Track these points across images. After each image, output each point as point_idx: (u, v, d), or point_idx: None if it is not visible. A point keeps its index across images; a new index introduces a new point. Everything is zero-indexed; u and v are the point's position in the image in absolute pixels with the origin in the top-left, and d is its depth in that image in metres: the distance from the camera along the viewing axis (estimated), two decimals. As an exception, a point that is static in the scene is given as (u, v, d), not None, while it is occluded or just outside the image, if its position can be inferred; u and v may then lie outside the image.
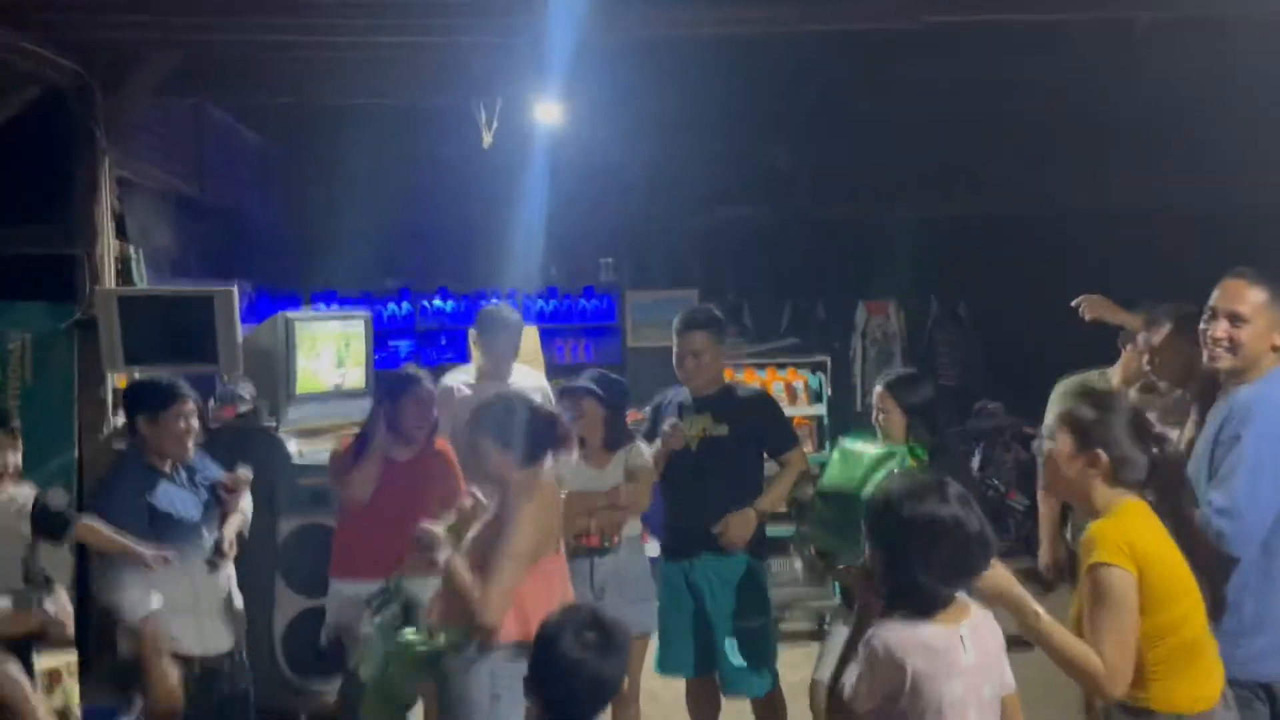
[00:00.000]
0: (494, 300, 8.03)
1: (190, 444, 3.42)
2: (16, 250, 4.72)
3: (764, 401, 3.94)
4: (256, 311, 7.02)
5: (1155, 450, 2.33)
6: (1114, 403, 2.42)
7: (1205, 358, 2.68)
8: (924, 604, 2.03)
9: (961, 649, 2.03)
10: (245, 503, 3.58)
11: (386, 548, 3.51)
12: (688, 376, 3.73)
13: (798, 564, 5.73)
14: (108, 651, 3.39)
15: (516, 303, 8.01)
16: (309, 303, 7.76)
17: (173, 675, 3.22)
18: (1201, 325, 2.69)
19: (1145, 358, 3.04)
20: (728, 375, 4.08)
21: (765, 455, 3.84)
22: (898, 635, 2.01)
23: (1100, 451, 2.29)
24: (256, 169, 7.16)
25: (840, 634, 3.27)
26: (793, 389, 5.67)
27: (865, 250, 8.10)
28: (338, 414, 4.95)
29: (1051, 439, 2.39)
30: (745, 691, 3.75)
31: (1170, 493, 2.37)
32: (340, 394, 5.03)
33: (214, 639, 3.43)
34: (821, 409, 5.67)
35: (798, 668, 4.41)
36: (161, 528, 3.29)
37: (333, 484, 3.80)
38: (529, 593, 2.62)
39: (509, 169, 6.71)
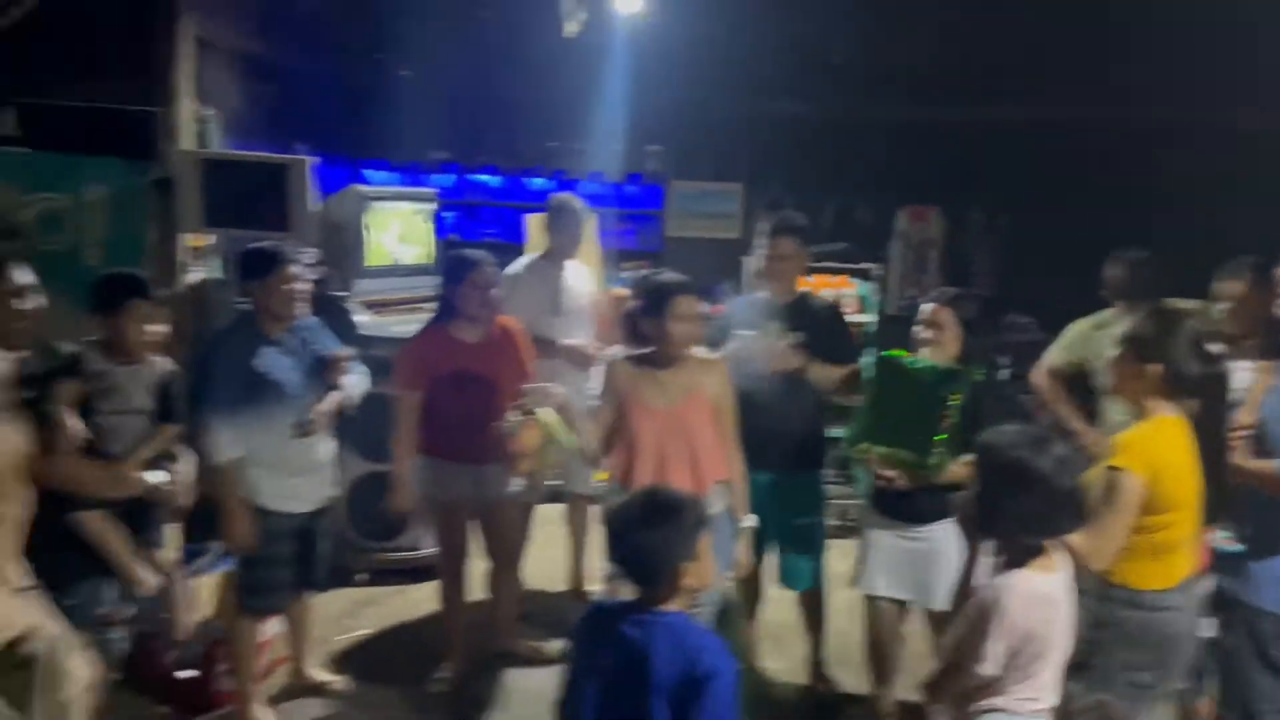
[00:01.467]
0: (541, 181, 8.11)
1: (299, 305, 3.52)
2: (98, 103, 4.75)
3: (835, 315, 4.03)
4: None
5: (1206, 367, 2.51)
6: (1174, 322, 2.61)
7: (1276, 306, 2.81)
8: (1020, 551, 2.21)
9: (1064, 595, 2.25)
10: (351, 381, 3.69)
11: (461, 427, 3.78)
12: (773, 280, 3.82)
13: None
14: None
15: (563, 183, 8.05)
16: (358, 171, 7.80)
17: (244, 519, 3.42)
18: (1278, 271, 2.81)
19: (1222, 307, 3.15)
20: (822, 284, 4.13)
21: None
22: (1020, 591, 2.17)
23: (1153, 365, 2.52)
24: (322, 33, 7.09)
25: (878, 539, 3.49)
26: (841, 297, 5.77)
27: (912, 153, 8.07)
28: (403, 288, 5.08)
29: (1117, 350, 2.64)
30: (799, 584, 3.96)
31: (1211, 406, 2.55)
32: (405, 269, 5.15)
33: (295, 499, 3.58)
34: (870, 318, 5.77)
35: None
36: (258, 389, 3.43)
37: (399, 387, 3.88)
38: None
39: (567, 51, 6.64)
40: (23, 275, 2.77)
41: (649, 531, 2.12)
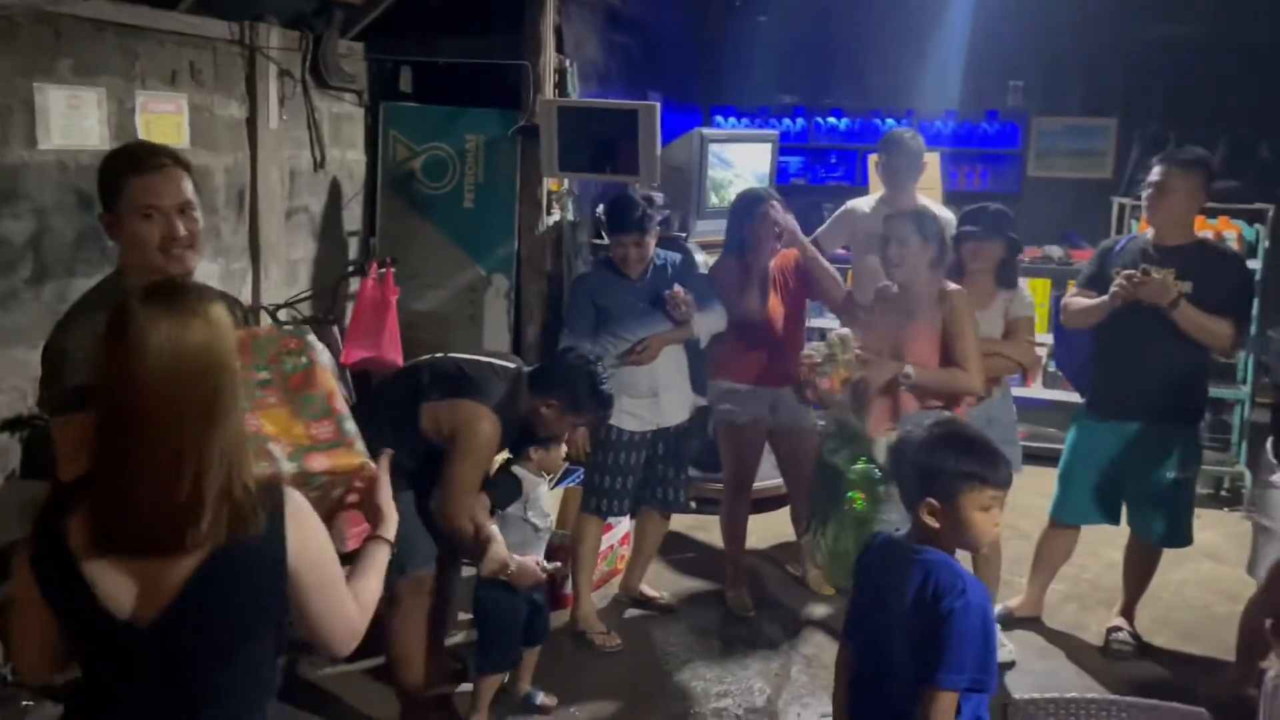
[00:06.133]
0: (891, 122, 7.90)
1: (629, 268, 3.80)
2: (475, 59, 5.26)
3: (1238, 267, 3.65)
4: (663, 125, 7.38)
5: None
6: None
7: None
8: None
9: None
10: (703, 318, 3.86)
11: (755, 352, 4.02)
12: (1156, 218, 3.56)
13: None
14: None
15: (913, 124, 7.80)
16: (708, 117, 8.02)
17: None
18: None
19: None
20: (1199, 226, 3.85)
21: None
22: None
23: None
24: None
25: None
26: (1221, 240, 5.16)
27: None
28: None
29: None
30: (1155, 538, 3.77)
31: None
32: (743, 210, 5.26)
33: (631, 418, 3.85)
34: (1256, 264, 5.13)
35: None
36: (602, 319, 3.82)
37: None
38: None
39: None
40: None
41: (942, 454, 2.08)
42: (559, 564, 3.55)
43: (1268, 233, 5.31)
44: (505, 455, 3.33)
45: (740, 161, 5.27)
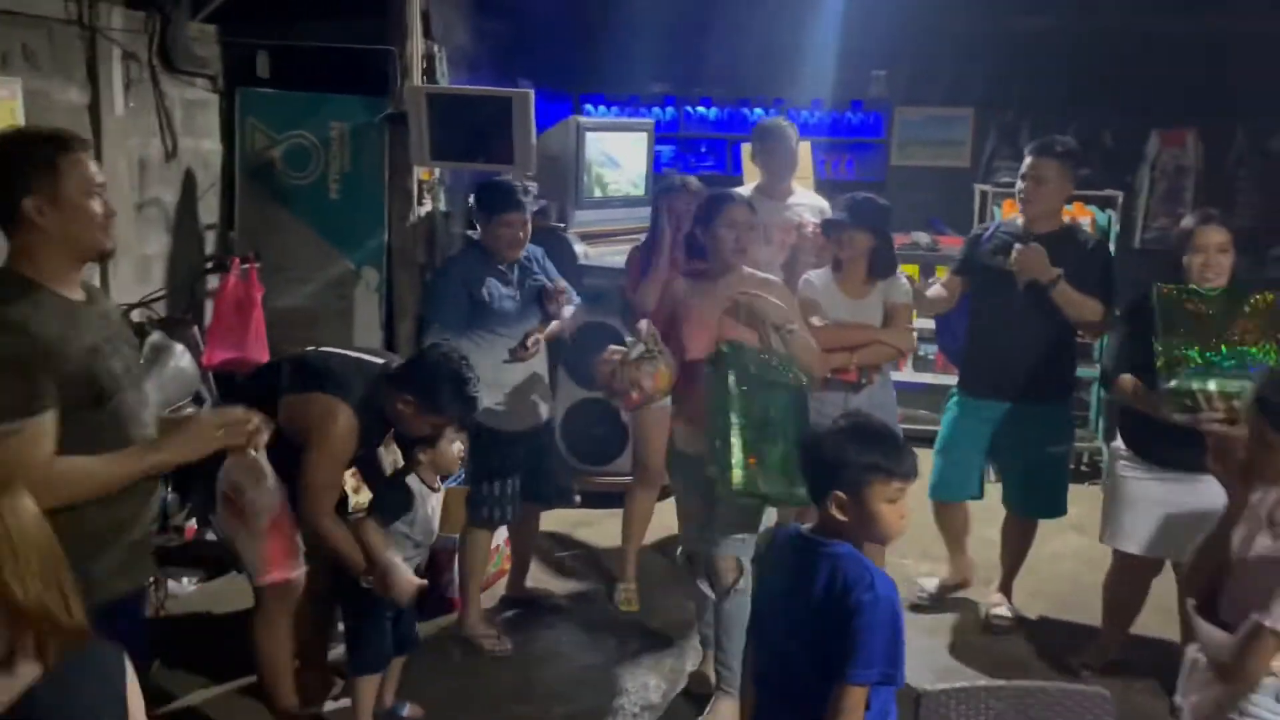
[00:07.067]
0: (760, 112, 7.95)
1: (513, 251, 3.66)
2: (336, 44, 5.03)
3: (1104, 252, 3.81)
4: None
5: None
6: None
7: None
8: None
9: None
10: (569, 310, 3.81)
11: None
12: (1029, 206, 3.65)
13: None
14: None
15: (782, 113, 7.87)
16: (578, 105, 7.92)
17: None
18: None
19: None
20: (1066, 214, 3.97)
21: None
22: None
23: None
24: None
25: (1140, 490, 3.24)
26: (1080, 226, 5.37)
27: (1167, 71, 7.34)
28: (619, 219, 5.15)
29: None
30: (1035, 513, 3.92)
31: None
32: (620, 200, 5.21)
33: (511, 418, 3.75)
34: (1109, 247, 5.36)
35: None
36: (477, 313, 3.64)
37: (627, 287, 4.00)
38: None
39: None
40: None
41: (848, 447, 2.05)
42: (425, 582, 3.33)
43: (1118, 218, 5.56)
44: (398, 462, 3.16)
45: (622, 155, 5.21)
